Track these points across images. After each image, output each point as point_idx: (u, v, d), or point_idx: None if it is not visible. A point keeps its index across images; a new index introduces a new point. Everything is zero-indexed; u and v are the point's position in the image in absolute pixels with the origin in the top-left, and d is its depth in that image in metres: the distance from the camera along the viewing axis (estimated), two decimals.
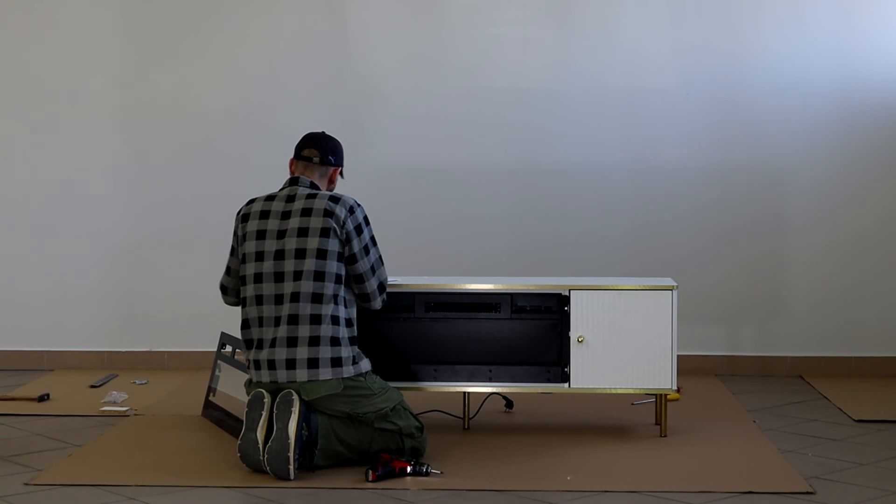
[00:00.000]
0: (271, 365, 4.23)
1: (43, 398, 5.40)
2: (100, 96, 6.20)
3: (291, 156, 4.53)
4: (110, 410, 5.20)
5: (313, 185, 4.44)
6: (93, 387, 5.71)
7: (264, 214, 4.37)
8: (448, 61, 6.10)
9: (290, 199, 4.38)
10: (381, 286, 4.46)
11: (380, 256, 4.45)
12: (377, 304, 4.47)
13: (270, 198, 4.41)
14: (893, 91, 5.93)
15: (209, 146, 6.17)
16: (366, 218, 4.39)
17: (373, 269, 4.40)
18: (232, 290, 4.53)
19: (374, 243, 4.42)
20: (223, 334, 5.16)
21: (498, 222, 6.08)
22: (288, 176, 4.50)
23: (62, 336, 6.24)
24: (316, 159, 4.48)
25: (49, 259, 6.23)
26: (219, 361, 5.09)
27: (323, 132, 4.57)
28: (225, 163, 6.16)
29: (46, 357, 6.24)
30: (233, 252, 4.50)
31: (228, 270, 4.53)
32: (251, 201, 4.45)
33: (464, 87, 6.09)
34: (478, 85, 6.09)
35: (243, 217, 4.42)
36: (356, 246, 4.34)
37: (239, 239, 4.43)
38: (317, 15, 6.14)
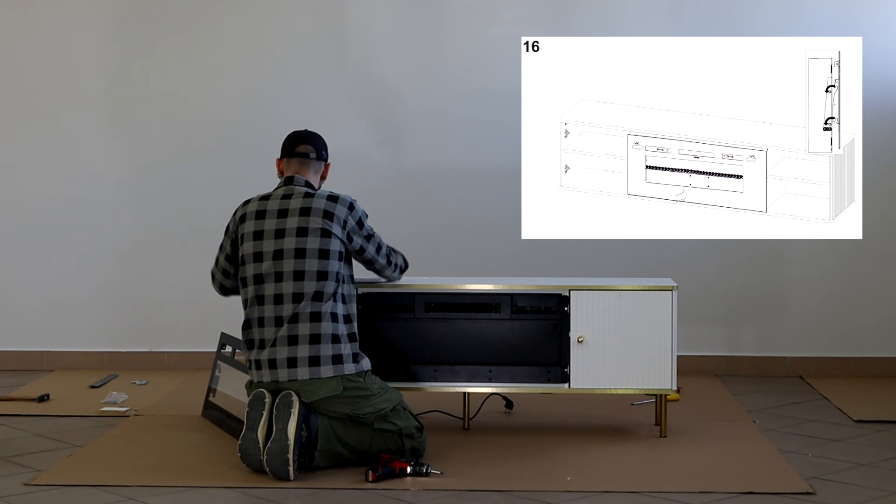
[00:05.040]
0: (272, 364, 4.23)
1: (43, 398, 5.40)
2: (99, 98, 6.20)
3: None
4: (110, 411, 5.20)
5: (309, 185, 4.44)
6: (93, 387, 5.71)
7: (260, 214, 4.37)
8: (448, 61, 6.11)
9: (287, 197, 4.38)
10: (389, 260, 4.55)
11: (381, 240, 4.52)
12: (391, 273, 4.60)
13: (265, 197, 4.42)
14: (891, 92, 5.93)
15: (209, 147, 6.17)
16: (364, 213, 4.44)
17: (378, 248, 4.48)
18: (217, 281, 4.55)
19: (374, 231, 4.48)
20: (223, 335, 5.16)
21: (498, 222, 6.08)
22: (276, 177, 4.51)
23: (62, 336, 6.24)
24: (313, 155, 4.48)
25: (49, 260, 6.23)
26: (219, 362, 5.09)
27: (306, 129, 4.57)
28: (224, 164, 6.15)
29: (46, 357, 6.24)
30: (222, 248, 4.50)
31: (217, 261, 4.54)
32: (247, 202, 4.45)
33: (464, 87, 6.09)
34: (478, 85, 6.09)
35: (241, 218, 4.42)
36: (359, 238, 4.40)
37: (235, 241, 4.43)
38: (316, 16, 6.14)
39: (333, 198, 4.37)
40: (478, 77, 6.09)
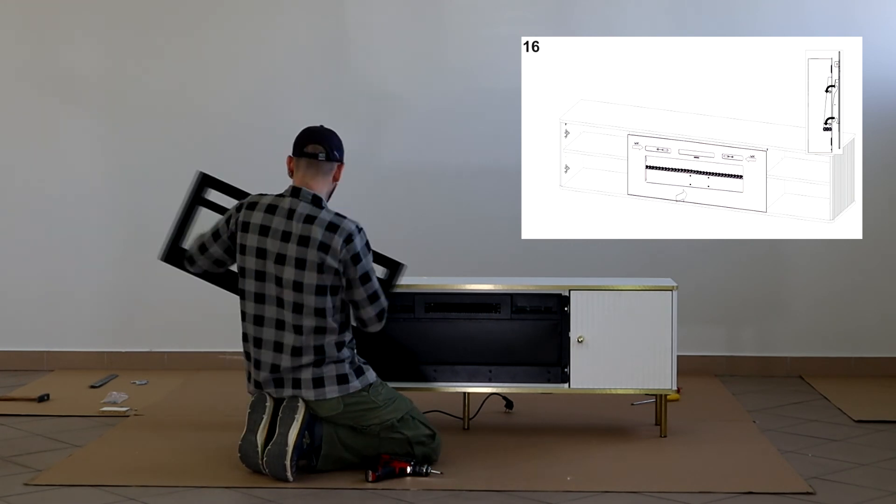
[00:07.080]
0: (278, 383, 4.21)
1: (43, 398, 5.40)
2: (99, 98, 6.20)
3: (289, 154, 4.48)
4: (110, 410, 5.20)
5: (315, 200, 4.25)
6: (93, 387, 5.71)
7: (264, 230, 4.23)
8: (448, 61, 6.11)
9: (291, 216, 4.22)
10: (381, 314, 4.34)
11: (378, 289, 4.33)
12: (375, 328, 4.36)
13: (272, 209, 4.25)
14: (891, 92, 5.93)
15: (209, 147, 6.16)
16: (367, 245, 4.26)
17: (369, 299, 4.28)
18: (198, 264, 4.45)
19: (374, 273, 4.30)
20: (203, 175, 4.81)
21: (498, 222, 6.08)
22: (286, 176, 4.44)
23: (62, 336, 6.24)
24: (322, 156, 4.28)
25: (49, 259, 6.23)
26: (198, 207, 4.67)
27: (322, 126, 4.38)
28: (225, 164, 6.13)
29: (46, 357, 6.24)
30: (216, 236, 4.37)
31: (203, 248, 4.41)
32: (252, 204, 4.29)
33: (464, 87, 6.09)
34: (478, 85, 6.09)
35: (244, 226, 4.27)
36: (352, 273, 4.22)
37: (235, 226, 4.29)
38: (316, 15, 6.14)
39: (333, 227, 4.20)
40: (478, 77, 6.09)
